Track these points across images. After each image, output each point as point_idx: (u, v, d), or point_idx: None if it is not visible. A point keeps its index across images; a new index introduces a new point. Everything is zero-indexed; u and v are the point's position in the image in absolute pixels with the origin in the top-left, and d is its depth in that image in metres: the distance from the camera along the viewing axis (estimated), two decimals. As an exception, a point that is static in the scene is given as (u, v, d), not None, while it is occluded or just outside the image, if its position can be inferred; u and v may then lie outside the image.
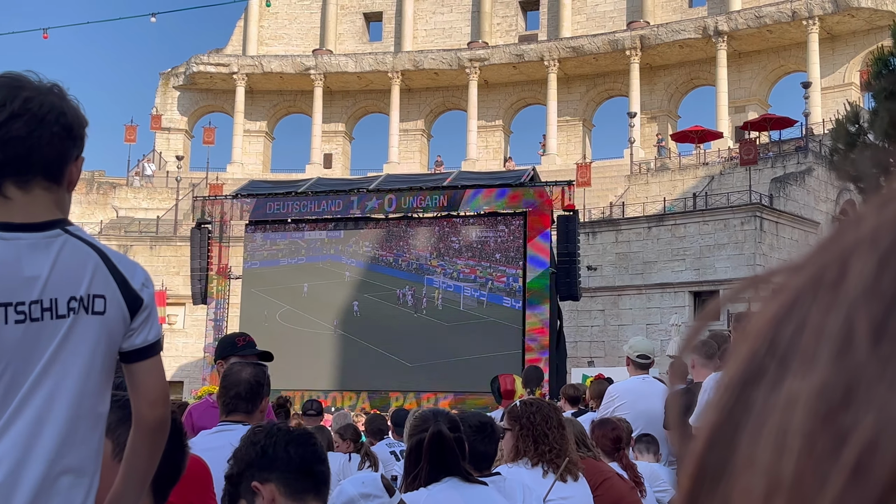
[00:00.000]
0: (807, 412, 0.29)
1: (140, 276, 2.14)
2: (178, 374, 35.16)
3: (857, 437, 0.27)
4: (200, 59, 49.82)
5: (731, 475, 0.30)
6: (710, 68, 44.52)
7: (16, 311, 1.93)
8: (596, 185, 37.94)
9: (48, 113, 1.99)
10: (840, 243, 0.31)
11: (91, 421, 2.00)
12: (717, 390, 0.33)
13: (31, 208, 1.99)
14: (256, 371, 4.15)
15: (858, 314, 0.29)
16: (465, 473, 3.47)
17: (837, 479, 0.27)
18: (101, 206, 42.47)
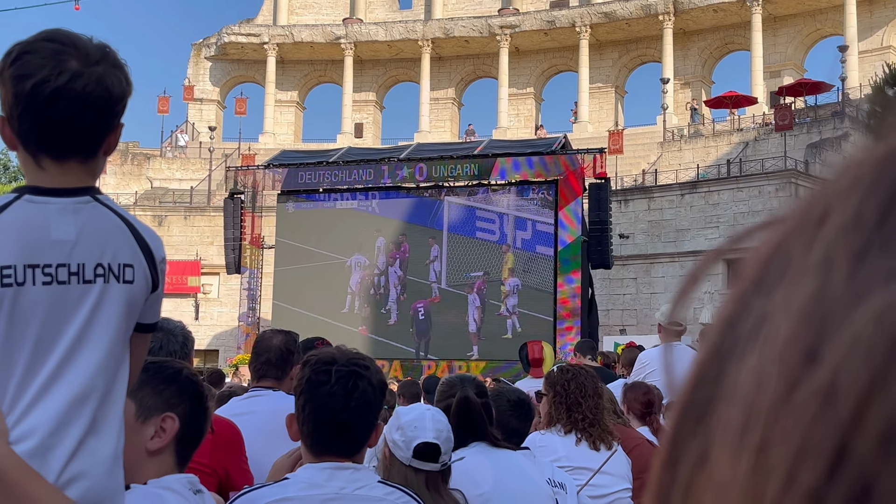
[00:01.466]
0: (784, 341, 0.29)
1: (161, 253, 2.13)
2: (212, 342, 35.57)
3: (828, 362, 0.28)
4: (231, 30, 49.87)
5: (713, 411, 0.31)
6: (745, 33, 43.86)
7: (43, 273, 1.94)
8: (628, 153, 37.65)
9: (93, 92, 1.93)
10: (828, 186, 0.31)
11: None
12: (708, 332, 0.34)
13: (64, 178, 1.99)
14: (287, 338, 4.20)
15: (838, 246, 0.29)
16: (493, 438, 3.49)
17: (810, 405, 0.28)
18: (135, 177, 42.85)
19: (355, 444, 2.52)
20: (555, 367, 4.64)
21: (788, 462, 0.27)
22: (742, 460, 0.29)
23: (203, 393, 2.29)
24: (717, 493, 0.29)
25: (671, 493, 0.31)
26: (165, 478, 2.14)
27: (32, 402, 1.92)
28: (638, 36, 46.74)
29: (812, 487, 0.27)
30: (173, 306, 34.35)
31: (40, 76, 1.90)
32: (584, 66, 46.16)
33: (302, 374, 2.51)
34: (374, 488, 2.53)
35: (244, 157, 38.01)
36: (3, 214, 1.94)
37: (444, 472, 2.96)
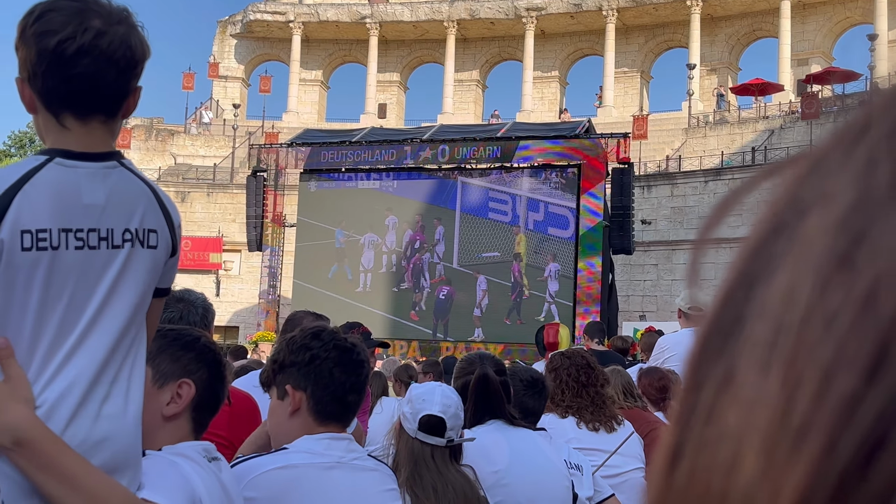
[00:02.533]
0: (820, 252, 0.28)
1: (178, 219, 2.16)
2: (233, 319, 35.78)
3: (868, 266, 0.27)
4: (257, 8, 49.88)
5: (740, 330, 0.30)
6: (773, 19, 43.43)
7: (75, 238, 1.96)
8: (652, 138, 37.44)
9: (117, 50, 1.95)
10: (866, 107, 0.31)
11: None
12: (738, 253, 0.32)
13: (89, 139, 2.00)
14: (316, 320, 4.29)
15: (880, 153, 0.28)
16: (510, 416, 3.50)
17: (848, 311, 0.27)
18: (159, 152, 43.03)
19: (353, 415, 2.66)
20: (557, 353, 4.67)
21: (822, 371, 0.26)
22: (771, 375, 0.28)
23: (221, 361, 2.30)
24: (742, 412, 0.28)
25: (692, 418, 0.30)
26: (180, 444, 2.16)
27: (59, 367, 1.94)
28: (665, 21, 46.39)
29: (849, 394, 0.26)
30: (195, 282, 34.53)
31: (65, 33, 1.92)
32: (609, 50, 45.88)
33: (320, 344, 2.58)
34: (367, 460, 2.65)
35: (268, 136, 38.10)
36: (36, 177, 1.95)
37: (454, 449, 2.98)
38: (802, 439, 0.26)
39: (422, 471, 2.88)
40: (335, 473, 2.51)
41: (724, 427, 0.29)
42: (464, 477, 2.94)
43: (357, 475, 2.56)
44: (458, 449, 3.01)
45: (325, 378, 2.55)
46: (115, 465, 1.96)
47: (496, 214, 24.79)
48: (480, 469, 3.16)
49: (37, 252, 1.93)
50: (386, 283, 25.92)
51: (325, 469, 2.50)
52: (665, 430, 0.31)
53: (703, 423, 0.30)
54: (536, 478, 3.44)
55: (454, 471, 2.93)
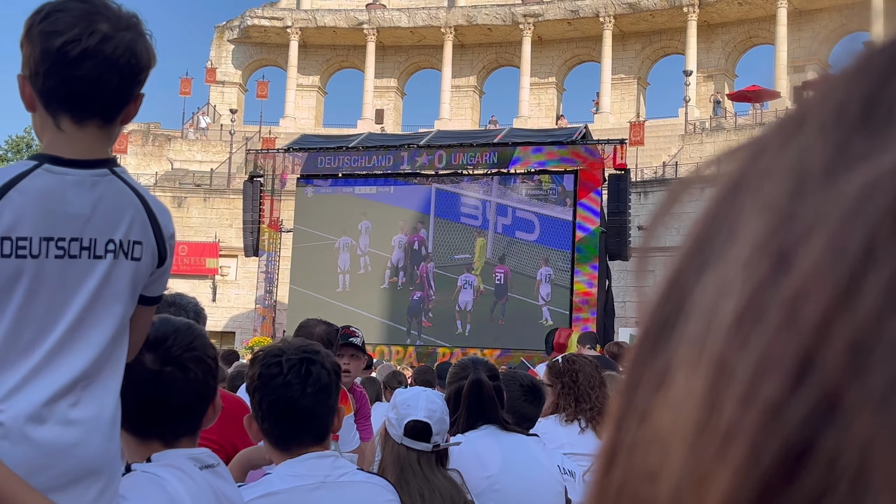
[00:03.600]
0: (751, 245, 0.28)
1: (170, 228, 2.12)
2: (229, 324, 35.73)
3: (797, 264, 0.26)
4: (255, 13, 49.92)
5: (675, 329, 0.29)
6: (770, 26, 43.55)
7: (56, 247, 1.95)
8: (649, 145, 37.47)
9: (121, 56, 1.95)
10: (806, 98, 0.30)
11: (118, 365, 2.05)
12: (678, 248, 0.32)
13: (82, 144, 1.99)
14: (328, 329, 4.34)
15: (816, 141, 0.28)
16: (503, 422, 3.50)
17: (776, 313, 0.26)
18: (156, 157, 43.01)
19: (319, 430, 2.49)
20: (559, 358, 4.63)
21: (749, 374, 0.26)
22: (699, 375, 0.27)
23: (215, 357, 2.26)
24: (673, 413, 0.28)
25: (627, 419, 0.30)
26: (169, 453, 2.11)
27: (31, 374, 1.92)
28: (662, 27, 46.48)
29: (773, 401, 0.25)
30: (191, 287, 34.44)
31: (71, 34, 1.92)
32: (606, 56, 45.95)
33: (253, 371, 2.48)
34: (356, 474, 2.53)
35: (265, 141, 38.10)
36: (23, 182, 1.94)
37: (440, 454, 2.97)
38: (727, 445, 0.26)
39: (408, 476, 2.87)
40: (320, 494, 2.43)
41: (656, 430, 0.28)
42: (450, 482, 2.94)
43: (345, 491, 2.47)
44: (445, 454, 3.00)
45: (261, 407, 2.45)
46: (87, 471, 1.95)
47: (467, 219, 25.02)
48: (473, 474, 3.15)
49: (16, 259, 1.92)
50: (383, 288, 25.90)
51: (310, 490, 2.42)
52: (605, 431, 0.31)
53: (637, 426, 0.29)
54: (529, 483, 3.43)
55: (441, 476, 2.92)
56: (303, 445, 2.46)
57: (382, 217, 25.84)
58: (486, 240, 24.83)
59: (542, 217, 24.20)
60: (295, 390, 2.41)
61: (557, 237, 23.87)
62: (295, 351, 2.49)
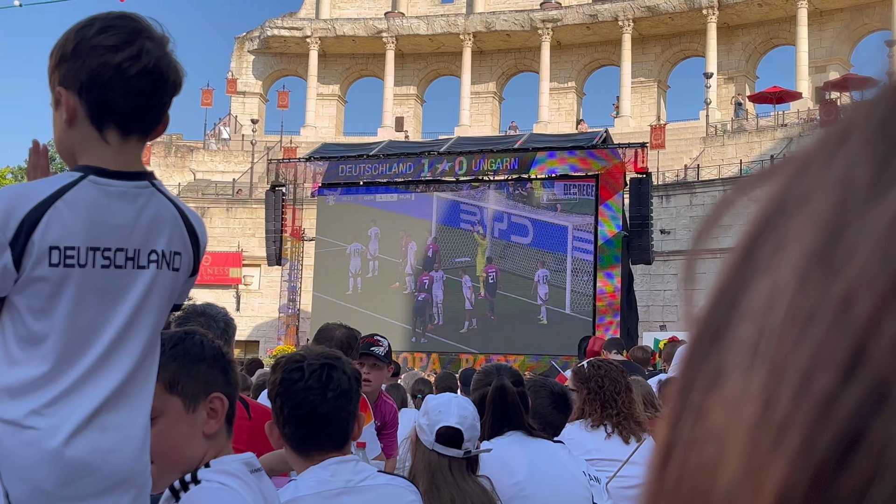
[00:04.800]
0: (801, 253, 0.29)
1: (205, 239, 2.20)
2: (253, 333, 35.88)
3: (845, 267, 0.28)
4: (274, 24, 50.17)
5: (728, 332, 0.30)
6: (790, 27, 43.30)
7: (102, 256, 1.99)
8: (670, 148, 37.34)
9: (171, 74, 2.05)
10: (849, 112, 0.31)
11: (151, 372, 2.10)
12: (728, 256, 0.33)
13: (125, 157, 2.05)
14: (348, 333, 4.34)
15: (861, 155, 0.29)
16: (529, 427, 3.50)
17: (825, 314, 0.27)
18: (178, 168, 43.30)
19: (340, 435, 2.51)
20: (584, 363, 4.61)
21: (801, 370, 0.27)
22: (754, 375, 0.28)
23: (225, 353, 2.30)
24: (728, 411, 0.29)
25: (683, 417, 0.31)
26: (224, 460, 2.13)
27: (77, 384, 1.96)
28: (681, 30, 46.32)
29: (826, 394, 0.27)
30: (215, 297, 34.59)
31: (129, 52, 1.99)
32: (626, 60, 45.84)
33: (275, 377, 2.50)
34: (378, 477, 2.56)
35: (286, 150, 38.28)
36: (69, 194, 1.98)
37: (470, 460, 2.98)
38: (782, 436, 0.27)
39: (439, 483, 2.88)
40: (344, 499, 2.45)
41: (712, 426, 0.29)
42: (481, 488, 2.94)
43: (369, 495, 2.50)
44: (475, 460, 3.01)
45: (283, 412, 2.48)
46: (121, 479, 1.98)
47: (466, 225, 25.43)
48: (500, 481, 3.16)
49: (64, 269, 1.96)
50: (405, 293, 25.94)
51: (335, 496, 2.44)
52: (659, 430, 0.32)
53: (693, 423, 0.30)
54: (556, 489, 3.43)
55: (471, 482, 2.93)
56: (323, 451, 2.48)
57: (403, 224, 25.89)
58: (486, 243, 25.16)
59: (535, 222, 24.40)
60: (316, 395, 2.44)
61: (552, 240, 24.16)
62: (316, 357, 2.53)
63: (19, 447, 1.91)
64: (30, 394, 1.93)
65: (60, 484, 1.91)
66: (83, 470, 1.93)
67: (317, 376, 2.46)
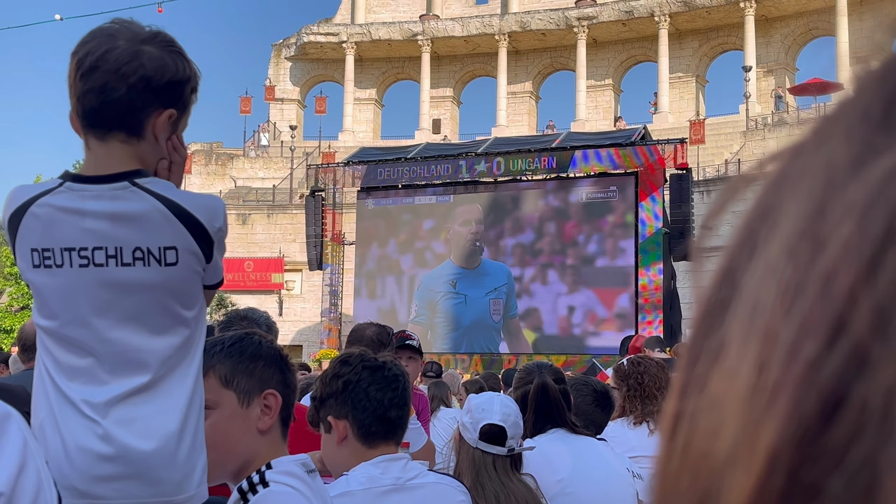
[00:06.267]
0: (791, 231, 0.31)
1: (216, 223, 2.11)
2: (296, 338, 36.11)
3: (831, 246, 0.29)
4: (311, 30, 50.49)
5: (729, 308, 0.32)
6: (830, 17, 42.72)
7: (79, 256, 2.01)
8: (710, 143, 37.01)
9: (126, 64, 1.97)
10: (837, 103, 0.34)
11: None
12: (729, 237, 0.36)
13: (106, 161, 2.04)
14: (379, 330, 4.36)
15: (845, 136, 0.31)
16: (572, 425, 3.50)
17: (812, 287, 0.30)
18: (219, 176, 43.72)
19: (403, 430, 2.64)
20: (624, 361, 4.60)
21: (791, 338, 0.29)
22: (750, 344, 0.30)
23: (284, 356, 2.33)
24: (727, 380, 0.31)
25: (689, 389, 0.33)
26: (283, 461, 2.15)
27: (82, 385, 2.00)
28: (718, 24, 45.89)
29: (812, 359, 0.29)
30: (258, 303, 34.89)
31: (84, 50, 2.00)
32: (663, 55, 45.51)
33: (351, 369, 2.58)
34: (426, 476, 2.62)
35: (324, 156, 38.50)
36: (44, 198, 2.03)
37: (514, 458, 2.99)
38: (774, 400, 0.29)
39: (483, 480, 2.89)
40: (393, 497, 2.50)
41: (713, 395, 0.32)
42: (525, 486, 2.95)
43: (417, 494, 2.54)
44: (519, 458, 3.02)
45: (361, 401, 2.55)
46: (140, 471, 2.01)
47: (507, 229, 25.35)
48: (544, 478, 3.16)
49: (44, 269, 2.01)
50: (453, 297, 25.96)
51: (383, 494, 2.49)
52: (668, 401, 0.34)
53: (698, 394, 0.32)
54: (601, 486, 3.42)
55: (516, 480, 2.94)
56: (387, 443, 2.58)
57: (442, 225, 25.92)
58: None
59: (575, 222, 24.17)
60: (395, 387, 2.57)
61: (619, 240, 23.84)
62: (384, 356, 2.69)
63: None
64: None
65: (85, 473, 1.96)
66: (105, 458, 1.97)
67: (394, 369, 2.61)
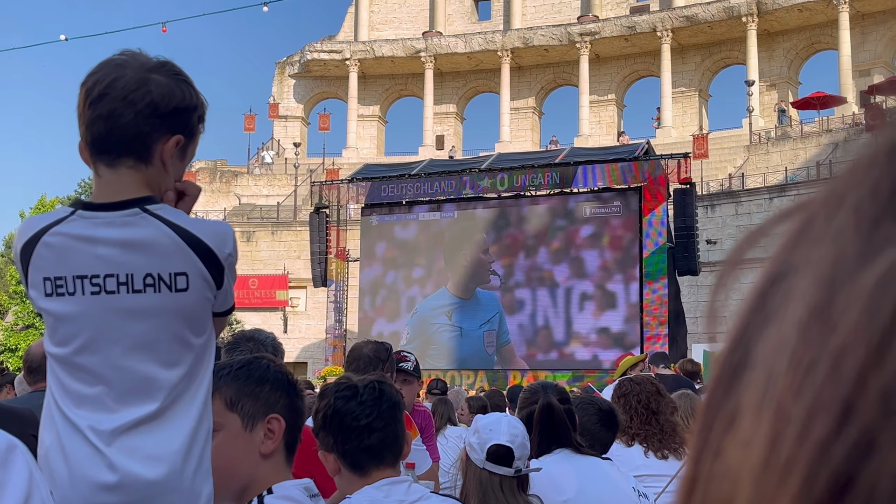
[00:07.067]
0: (803, 307, 0.31)
1: (226, 249, 2.12)
2: (301, 355, 36.10)
3: (838, 325, 0.30)
4: (314, 47, 50.68)
5: (743, 376, 0.33)
6: (832, 31, 42.78)
7: (91, 283, 2.03)
8: (714, 157, 37.04)
9: (133, 91, 2.00)
10: (848, 172, 0.34)
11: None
12: (742, 303, 0.36)
13: (116, 187, 2.05)
14: (378, 347, 4.33)
15: (855, 214, 0.32)
16: (577, 445, 3.49)
17: (822, 367, 0.30)
18: (224, 194, 43.82)
19: (396, 449, 2.54)
20: (621, 381, 4.61)
21: (803, 417, 0.30)
22: (763, 417, 0.31)
23: (292, 380, 2.32)
24: (741, 451, 0.31)
25: (703, 456, 0.34)
26: (285, 486, 2.16)
27: (93, 412, 2.00)
28: (721, 38, 45.98)
29: (823, 440, 0.29)
30: (262, 320, 34.91)
31: (93, 80, 2.03)
32: (666, 70, 45.60)
33: (326, 402, 2.53)
34: (430, 499, 2.57)
35: (328, 172, 38.59)
36: (57, 227, 2.05)
37: (521, 479, 2.99)
38: (786, 477, 0.30)
39: (490, 501, 2.89)
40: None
41: (727, 464, 0.32)
42: (532, 507, 2.96)
43: None
44: (526, 479, 3.02)
45: (341, 433, 2.49)
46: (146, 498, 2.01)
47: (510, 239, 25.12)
48: (549, 499, 3.16)
49: (56, 297, 2.03)
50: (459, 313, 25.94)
51: None
52: (685, 465, 0.35)
53: (712, 461, 0.33)
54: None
55: (522, 500, 2.94)
56: (380, 467, 2.50)
57: (446, 241, 25.93)
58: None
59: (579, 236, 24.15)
60: (371, 408, 2.48)
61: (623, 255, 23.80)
62: (362, 378, 2.58)
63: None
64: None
65: None
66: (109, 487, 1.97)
67: (370, 390, 2.51)
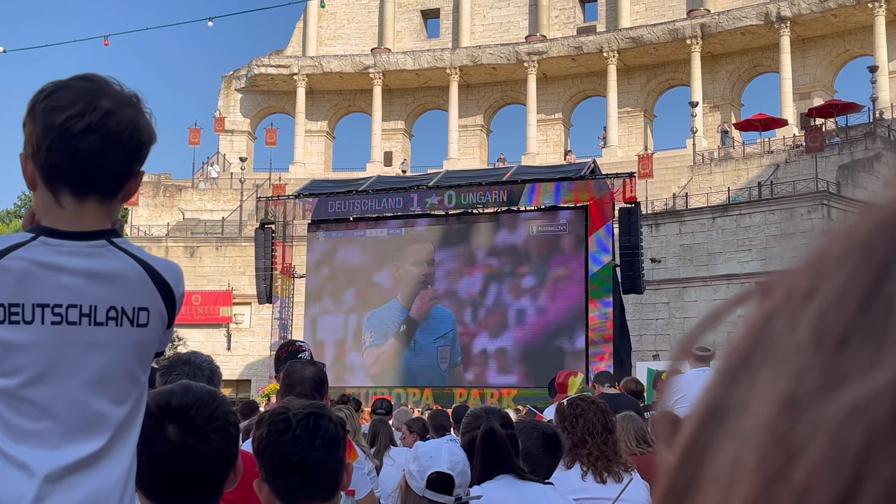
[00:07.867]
0: (762, 428, 0.29)
1: (181, 289, 2.13)
2: (245, 372, 35.69)
3: (803, 458, 0.27)
4: (261, 62, 50.42)
5: (694, 494, 0.30)
6: (774, 55, 43.70)
7: (52, 313, 1.96)
8: (658, 177, 37.52)
9: (124, 131, 1.98)
10: (817, 257, 0.31)
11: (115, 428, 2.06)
12: (695, 407, 0.33)
13: (81, 219, 2.01)
14: (317, 369, 4.23)
15: (820, 327, 0.29)
16: (519, 470, 3.47)
17: (785, 500, 0.27)
18: (167, 208, 43.27)
19: (332, 484, 2.44)
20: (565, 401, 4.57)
21: None
22: None
23: (236, 423, 2.26)
24: None
25: None
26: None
27: (40, 448, 1.93)
28: (666, 60, 46.70)
29: None
30: (205, 336, 34.50)
31: (74, 110, 1.95)
32: (612, 90, 46.16)
33: (261, 431, 2.44)
34: None
35: (275, 188, 38.33)
36: (15, 253, 1.96)
37: None
38: None
39: None
40: None
41: None
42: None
43: None
44: None
45: (268, 466, 2.40)
46: None
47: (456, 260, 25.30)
48: (492, 525, 3.12)
49: (9, 325, 1.94)
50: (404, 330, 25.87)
51: None
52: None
53: None
54: (548, 531, 3.39)
55: (462, 530, 2.90)
56: (313, 501, 2.42)
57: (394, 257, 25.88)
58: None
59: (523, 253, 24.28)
60: (305, 444, 2.39)
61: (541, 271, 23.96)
62: (300, 407, 2.48)
63: None
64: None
65: None
66: None
67: (304, 425, 2.40)
